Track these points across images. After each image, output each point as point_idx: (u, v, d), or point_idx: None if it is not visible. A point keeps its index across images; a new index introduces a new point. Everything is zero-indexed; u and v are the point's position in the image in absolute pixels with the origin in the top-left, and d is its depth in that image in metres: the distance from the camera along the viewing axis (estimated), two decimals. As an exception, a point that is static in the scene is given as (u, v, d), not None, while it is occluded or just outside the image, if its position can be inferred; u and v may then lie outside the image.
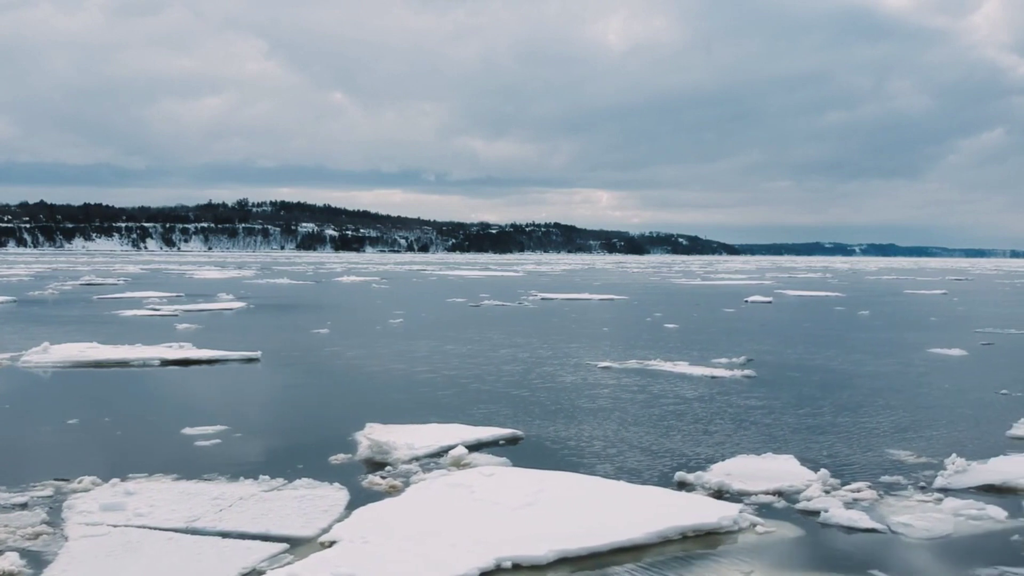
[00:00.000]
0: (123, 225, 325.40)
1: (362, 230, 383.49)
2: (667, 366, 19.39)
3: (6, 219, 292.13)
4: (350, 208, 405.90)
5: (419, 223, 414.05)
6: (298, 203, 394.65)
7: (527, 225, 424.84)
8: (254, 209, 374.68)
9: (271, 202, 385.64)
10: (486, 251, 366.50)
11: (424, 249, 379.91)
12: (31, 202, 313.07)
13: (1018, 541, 7.87)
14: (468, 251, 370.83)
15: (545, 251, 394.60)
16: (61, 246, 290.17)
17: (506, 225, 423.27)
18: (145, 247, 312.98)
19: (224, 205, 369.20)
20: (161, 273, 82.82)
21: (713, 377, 18.02)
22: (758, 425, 13.04)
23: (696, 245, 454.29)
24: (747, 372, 18.57)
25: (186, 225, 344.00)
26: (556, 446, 11.49)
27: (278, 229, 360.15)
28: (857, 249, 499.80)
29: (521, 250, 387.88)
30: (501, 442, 11.61)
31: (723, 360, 20.41)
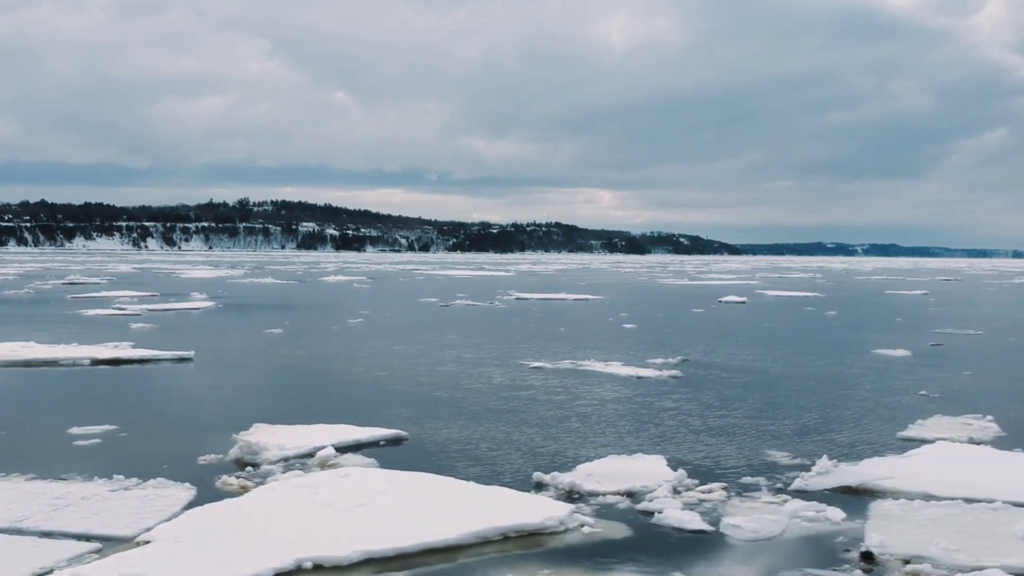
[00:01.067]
0: (124, 224, 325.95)
1: (363, 230, 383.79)
2: (599, 366, 19.39)
3: (7, 218, 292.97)
4: (351, 208, 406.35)
5: (420, 223, 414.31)
6: (299, 203, 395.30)
7: (528, 225, 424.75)
8: (255, 209, 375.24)
9: (272, 202, 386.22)
10: (487, 251, 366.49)
11: (425, 249, 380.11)
12: (32, 201, 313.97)
13: (840, 542, 7.87)
14: (469, 251, 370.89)
15: (546, 251, 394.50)
16: (62, 245, 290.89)
17: (507, 225, 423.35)
18: (146, 246, 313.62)
19: (225, 205, 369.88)
20: (151, 272, 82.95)
21: (639, 378, 18.02)
22: (655, 426, 13.04)
23: (697, 245, 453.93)
24: (675, 373, 18.55)
25: (187, 225, 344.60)
26: (436, 448, 11.50)
27: (279, 229, 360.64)
28: (859, 249, 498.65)
29: (522, 250, 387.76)
30: (382, 443, 11.63)
31: (658, 360, 20.41)
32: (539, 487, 9.50)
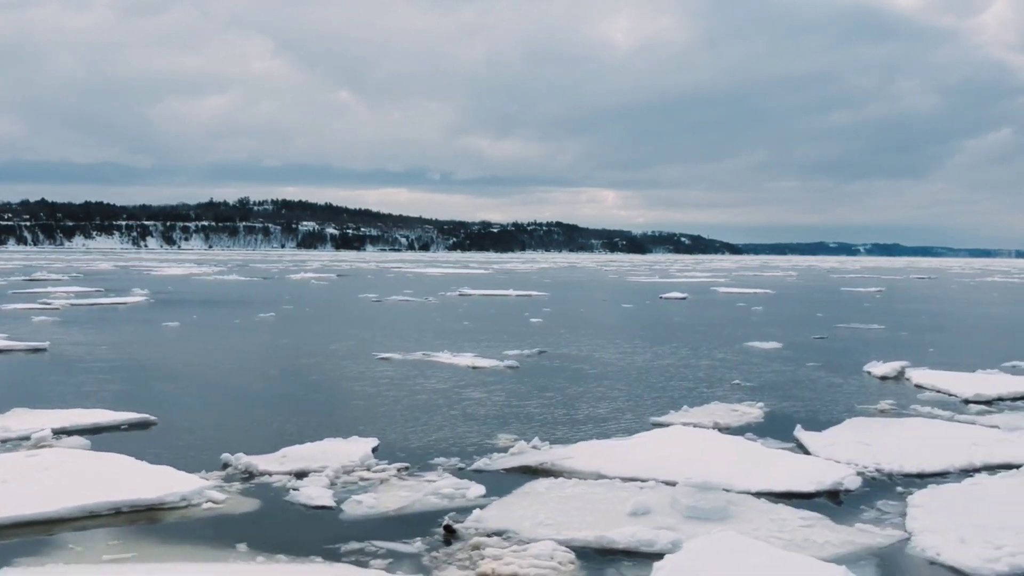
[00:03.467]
0: (123, 224, 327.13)
1: (363, 229, 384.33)
2: (445, 357, 19.58)
3: (7, 217, 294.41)
4: (351, 207, 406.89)
5: (420, 222, 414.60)
6: (299, 202, 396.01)
7: (529, 224, 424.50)
8: (255, 208, 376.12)
9: (272, 201, 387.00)
10: (487, 250, 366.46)
11: (425, 248, 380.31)
12: (32, 200, 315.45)
13: (453, 517, 8.01)
14: (469, 250, 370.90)
15: (546, 250, 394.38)
16: (61, 244, 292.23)
17: (507, 224, 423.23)
18: (145, 245, 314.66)
19: (225, 204, 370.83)
20: (128, 270, 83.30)
21: (473, 368, 18.24)
22: (423, 412, 13.24)
23: (698, 245, 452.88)
24: (513, 364, 18.74)
25: (187, 224, 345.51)
26: (173, 431, 11.74)
27: (279, 228, 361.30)
28: (861, 249, 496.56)
29: (522, 249, 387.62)
30: (124, 427, 11.86)
31: (514, 352, 20.60)
32: (224, 467, 9.72)
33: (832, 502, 8.96)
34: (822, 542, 7.48)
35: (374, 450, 10.58)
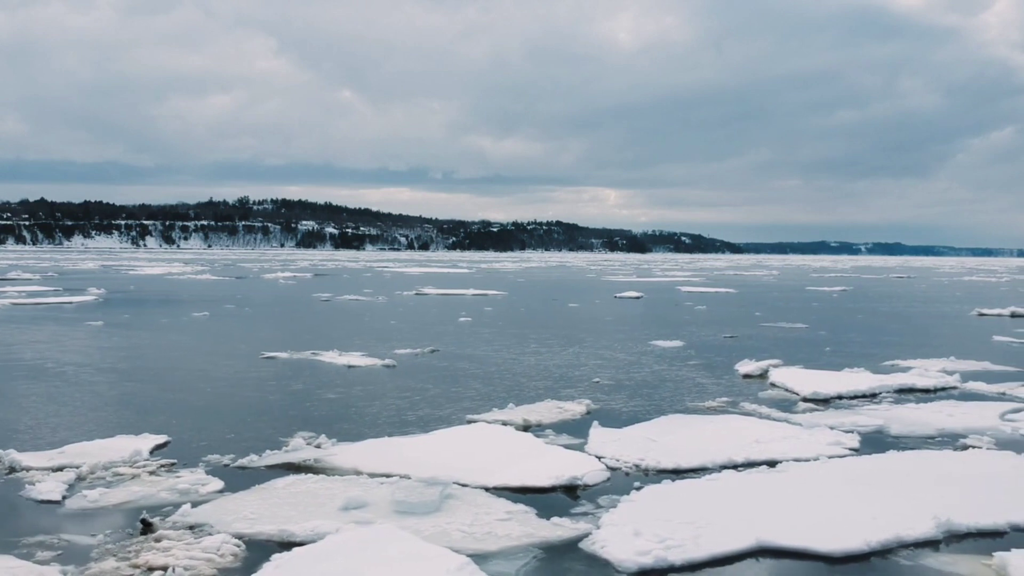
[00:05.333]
0: (123, 223, 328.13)
1: (362, 228, 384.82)
2: (331, 356, 19.80)
3: (6, 216, 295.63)
4: (351, 206, 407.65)
5: (420, 221, 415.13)
6: (299, 201, 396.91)
7: (529, 223, 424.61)
8: (255, 207, 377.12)
9: (272, 200, 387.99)
10: (487, 249, 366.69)
11: (424, 247, 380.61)
12: (32, 200, 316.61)
13: (163, 512, 8.23)
14: (469, 249, 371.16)
15: (546, 249, 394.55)
16: (60, 244, 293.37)
17: (508, 224, 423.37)
18: (144, 245, 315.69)
19: (225, 203, 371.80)
20: (109, 270, 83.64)
21: (349, 367, 18.47)
22: (246, 411, 13.47)
23: (699, 244, 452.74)
24: (390, 363, 18.96)
25: (186, 223, 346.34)
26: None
27: (278, 227, 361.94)
28: (863, 248, 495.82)
29: (522, 248, 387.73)
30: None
31: (404, 351, 20.84)
32: (-3, 463, 9.97)
33: (568, 496, 9.15)
34: (502, 535, 7.67)
35: (160, 446, 10.81)
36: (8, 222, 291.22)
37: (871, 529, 7.66)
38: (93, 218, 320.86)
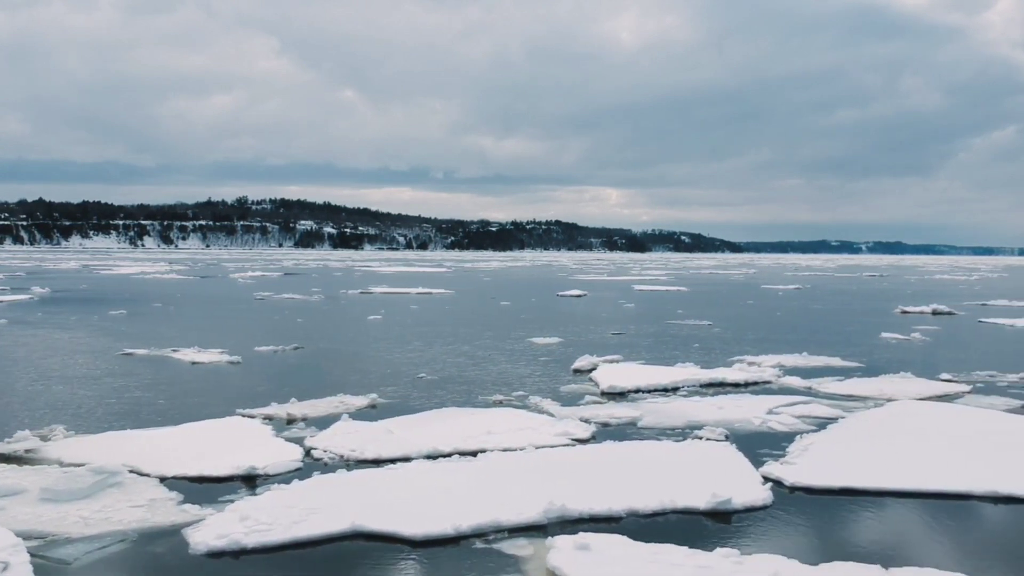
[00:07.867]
0: (120, 223, 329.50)
1: (361, 228, 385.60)
2: (187, 353, 20.14)
3: (3, 216, 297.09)
4: (350, 206, 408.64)
5: (419, 221, 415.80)
6: (298, 201, 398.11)
7: (528, 223, 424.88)
8: (254, 207, 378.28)
9: (271, 200, 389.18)
10: (486, 249, 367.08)
11: (423, 247, 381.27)
12: (30, 200, 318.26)
13: None
14: (468, 249, 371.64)
15: (545, 249, 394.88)
16: (58, 243, 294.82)
17: (507, 223, 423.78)
18: (143, 245, 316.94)
19: (223, 203, 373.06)
20: (83, 270, 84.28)
21: (193, 363, 18.82)
22: (78, 403, 13.80)
23: (699, 243, 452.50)
24: (235, 359, 19.25)
25: (184, 223, 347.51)
26: None
27: (277, 227, 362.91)
28: (864, 247, 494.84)
29: (521, 248, 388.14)
30: None
31: (266, 348, 21.17)
32: None
33: (246, 486, 9.42)
34: (116, 520, 7.96)
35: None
36: (6, 222, 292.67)
37: (470, 515, 7.91)
38: (91, 218, 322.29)
